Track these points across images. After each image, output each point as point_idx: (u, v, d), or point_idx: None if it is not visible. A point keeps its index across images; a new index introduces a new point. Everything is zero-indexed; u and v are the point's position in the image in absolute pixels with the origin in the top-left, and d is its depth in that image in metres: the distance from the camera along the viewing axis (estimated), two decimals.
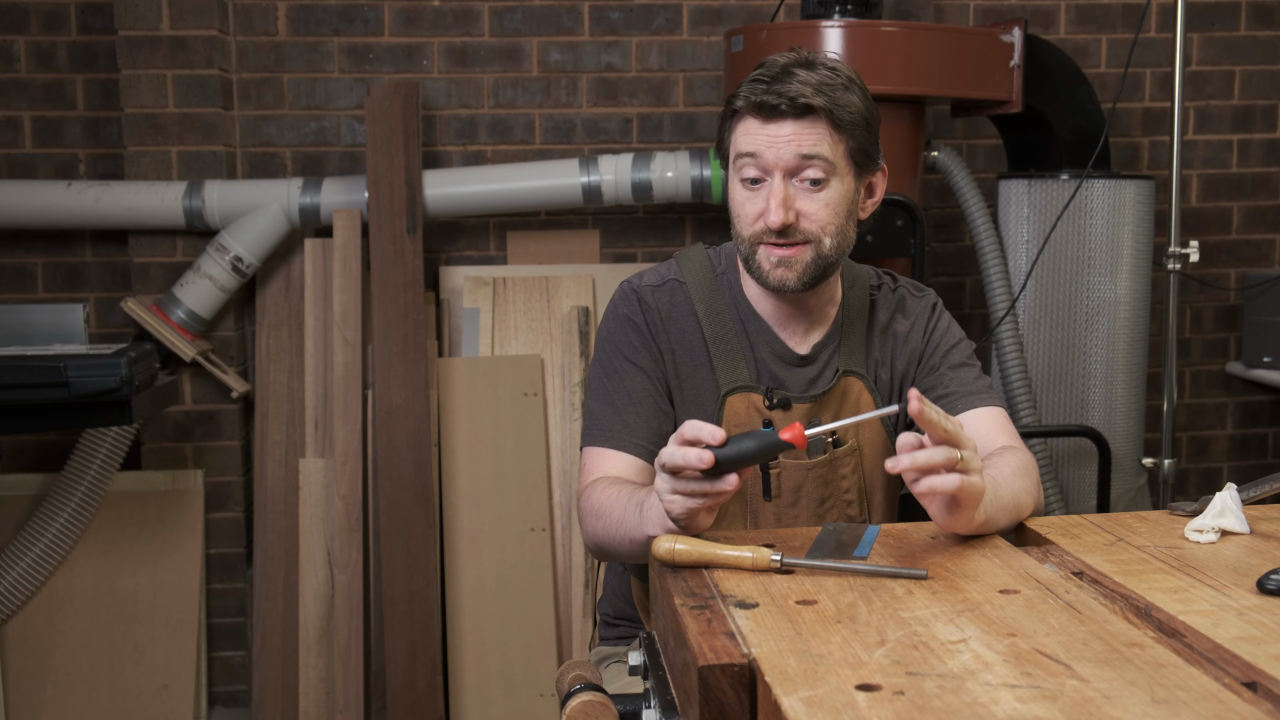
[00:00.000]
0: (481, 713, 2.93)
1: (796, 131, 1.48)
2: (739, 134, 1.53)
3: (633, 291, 1.64)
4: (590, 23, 3.22)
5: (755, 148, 1.50)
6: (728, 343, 1.61)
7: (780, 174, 1.49)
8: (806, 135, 1.48)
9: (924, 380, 1.64)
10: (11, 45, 3.12)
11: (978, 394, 1.61)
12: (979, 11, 3.34)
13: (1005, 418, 1.60)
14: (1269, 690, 0.89)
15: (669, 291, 1.64)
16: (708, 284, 1.64)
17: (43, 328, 2.74)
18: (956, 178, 2.95)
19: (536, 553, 2.98)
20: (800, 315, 1.62)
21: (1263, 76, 3.45)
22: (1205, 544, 1.29)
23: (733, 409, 1.59)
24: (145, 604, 2.95)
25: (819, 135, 1.49)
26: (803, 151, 1.48)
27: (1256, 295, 3.30)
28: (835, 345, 1.64)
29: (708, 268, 1.66)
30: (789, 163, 1.49)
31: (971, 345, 1.68)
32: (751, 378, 1.61)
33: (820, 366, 1.63)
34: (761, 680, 0.93)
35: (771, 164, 1.49)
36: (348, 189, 3.03)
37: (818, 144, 1.48)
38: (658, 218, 3.27)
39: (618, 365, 1.60)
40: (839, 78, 1.51)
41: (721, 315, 1.62)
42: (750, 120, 1.51)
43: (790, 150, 1.48)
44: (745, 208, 1.53)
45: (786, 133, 1.48)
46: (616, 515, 1.43)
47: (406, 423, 2.92)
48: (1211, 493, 1.38)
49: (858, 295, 1.67)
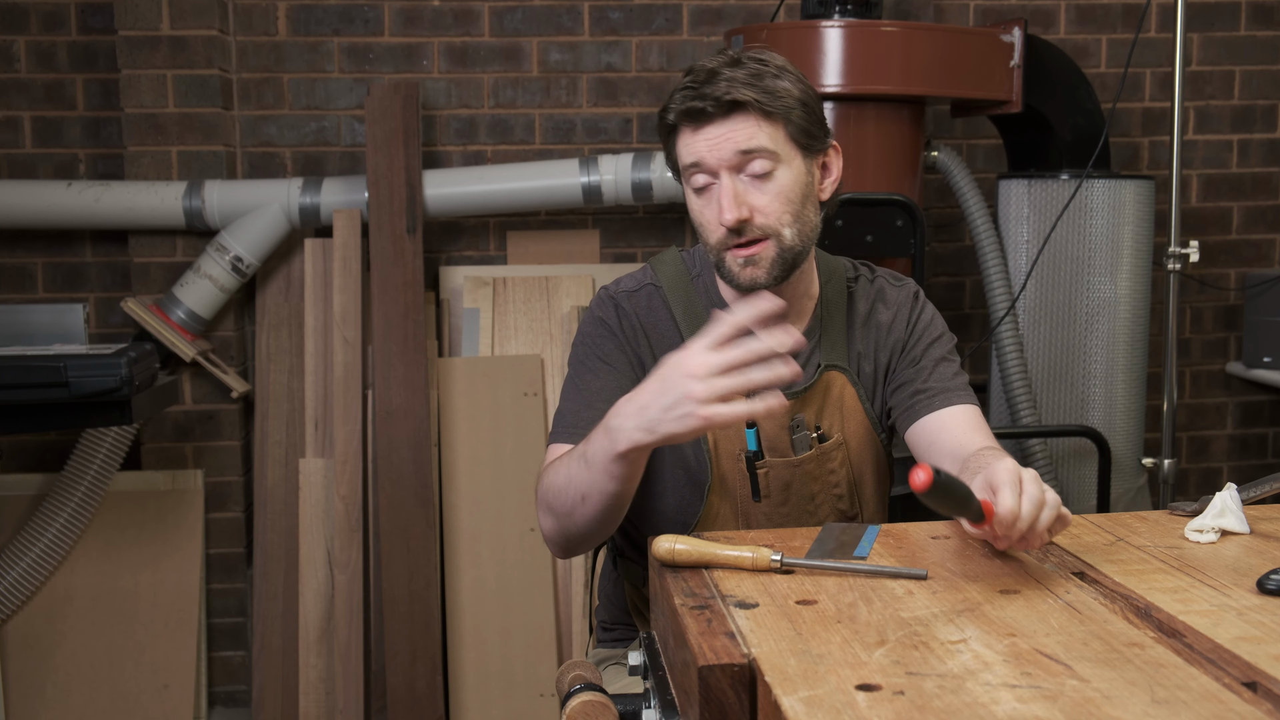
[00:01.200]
0: (481, 713, 2.93)
1: (729, 129, 1.47)
2: (680, 147, 1.52)
3: (609, 298, 1.63)
4: (590, 23, 3.22)
5: (696, 155, 1.49)
6: None
7: (726, 173, 1.48)
8: (739, 130, 1.47)
9: (903, 371, 1.62)
10: (11, 45, 3.12)
11: (955, 391, 1.59)
12: (979, 11, 3.34)
13: (980, 416, 1.59)
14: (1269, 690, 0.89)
15: (645, 296, 1.63)
16: (683, 287, 1.63)
17: (43, 328, 2.74)
18: (956, 178, 2.95)
19: (536, 553, 2.98)
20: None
21: (1263, 76, 3.45)
22: (1205, 544, 1.29)
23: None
24: (145, 604, 2.95)
25: (752, 128, 1.47)
26: (740, 147, 1.47)
27: (1256, 295, 3.30)
28: (815, 340, 1.62)
29: (683, 271, 1.65)
30: (730, 160, 1.48)
31: (953, 339, 1.67)
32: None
33: (801, 363, 1.61)
34: (761, 680, 0.93)
35: (714, 165, 1.48)
36: (348, 189, 3.03)
37: (753, 136, 1.47)
38: (658, 218, 3.27)
39: (589, 364, 1.59)
40: (767, 67, 1.50)
41: (699, 318, 1.60)
42: (685, 130, 1.50)
43: (728, 148, 1.47)
44: (705, 215, 1.53)
45: (720, 133, 1.47)
46: (562, 480, 1.42)
47: (406, 423, 2.92)
48: (1211, 493, 1.38)
49: (835, 288, 1.65)
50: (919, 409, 1.58)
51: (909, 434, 1.60)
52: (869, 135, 2.73)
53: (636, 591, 1.71)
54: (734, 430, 1.58)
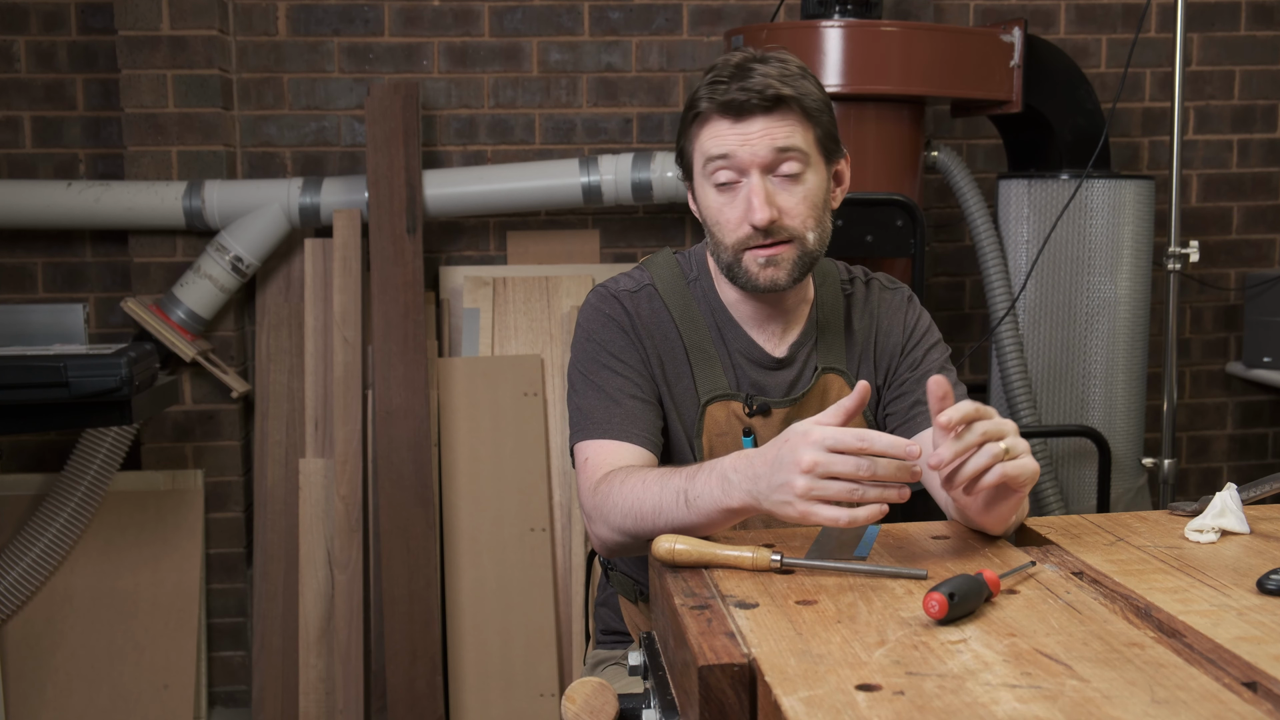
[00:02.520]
0: (481, 713, 2.93)
1: (768, 125, 1.44)
2: (706, 138, 1.48)
3: (611, 296, 1.59)
4: (590, 23, 3.22)
5: (727, 149, 1.45)
6: (705, 350, 1.57)
7: (757, 171, 1.45)
8: (779, 128, 1.44)
9: (903, 374, 1.62)
10: (11, 45, 3.12)
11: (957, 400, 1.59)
12: (979, 11, 3.34)
13: None
14: (1269, 690, 0.89)
15: (646, 297, 1.59)
16: (680, 290, 1.60)
17: (43, 328, 2.74)
18: (956, 178, 2.95)
19: (536, 553, 2.98)
20: (777, 316, 1.58)
21: (1263, 76, 3.45)
22: (1205, 544, 1.29)
23: (713, 418, 1.56)
24: (145, 604, 2.95)
25: (791, 126, 1.45)
26: (778, 145, 1.44)
27: (1256, 295, 3.30)
28: (811, 344, 1.61)
29: (679, 274, 1.62)
30: (765, 158, 1.45)
31: (948, 348, 1.67)
32: (730, 385, 1.57)
33: (799, 368, 1.60)
34: (761, 680, 0.93)
35: (747, 162, 1.45)
36: (348, 189, 3.03)
37: (791, 135, 1.45)
38: (658, 218, 3.27)
39: (606, 361, 1.54)
40: (793, 67, 1.47)
41: (697, 322, 1.59)
42: (718, 122, 1.46)
43: (765, 145, 1.44)
44: (725, 214, 1.49)
45: (759, 128, 1.44)
46: (651, 506, 1.32)
47: (406, 423, 2.92)
48: (1211, 493, 1.38)
49: (830, 292, 1.64)
50: (919, 421, 1.57)
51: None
52: (869, 135, 2.73)
53: (631, 606, 1.70)
54: (730, 437, 1.57)
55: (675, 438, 1.58)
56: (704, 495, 1.27)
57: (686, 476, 1.30)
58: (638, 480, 1.36)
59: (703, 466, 1.29)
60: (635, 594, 1.68)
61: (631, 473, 1.39)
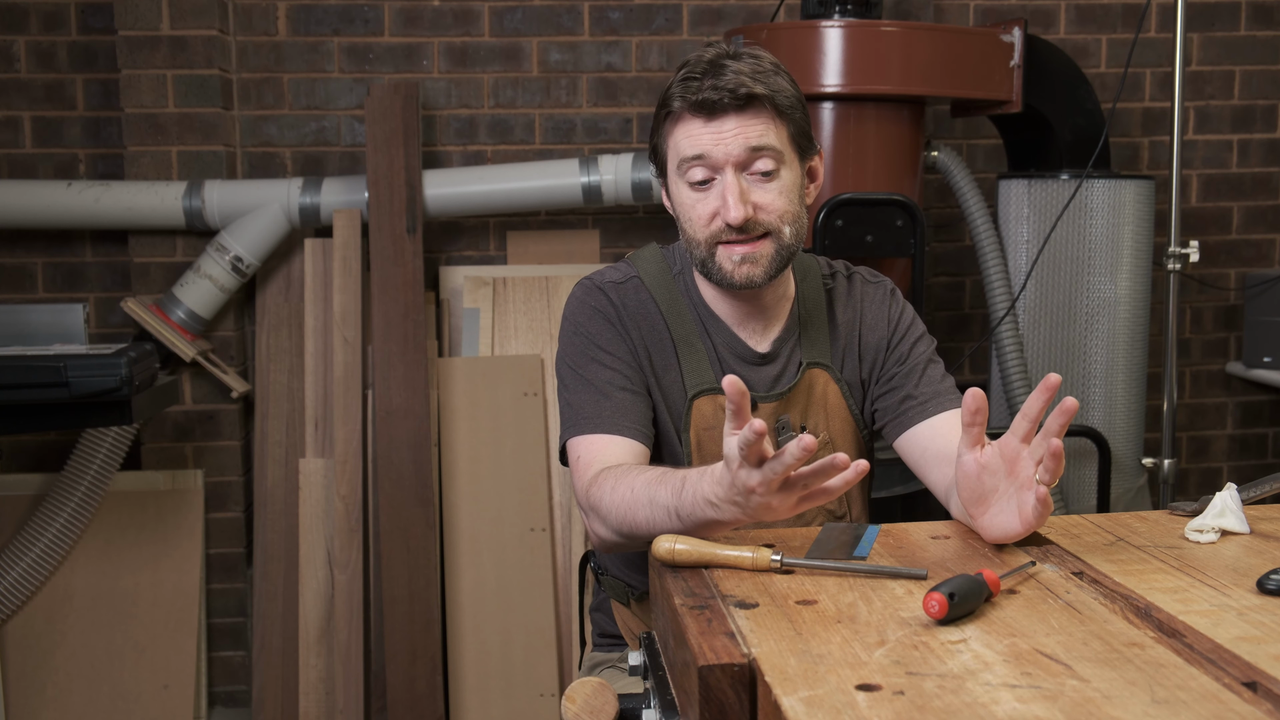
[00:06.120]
0: (481, 713, 2.93)
1: (741, 124, 1.44)
2: (679, 137, 1.47)
3: (597, 288, 1.58)
4: (590, 23, 3.22)
5: (701, 148, 1.45)
6: (691, 343, 1.57)
7: (731, 169, 1.45)
8: (752, 126, 1.44)
9: (891, 369, 1.61)
10: (11, 45, 3.12)
11: (946, 394, 1.58)
12: (979, 11, 3.34)
13: None
14: (1269, 690, 0.89)
15: (633, 289, 1.59)
16: (666, 283, 1.60)
17: (43, 328, 2.74)
18: (956, 178, 2.95)
19: (536, 553, 2.98)
20: (757, 313, 1.58)
21: (1263, 76, 3.45)
22: (1205, 544, 1.29)
23: (700, 411, 1.56)
24: (145, 604, 2.95)
25: (764, 124, 1.45)
26: (751, 144, 1.44)
27: (1256, 295, 3.30)
28: (795, 339, 1.61)
29: (665, 268, 1.62)
30: (739, 157, 1.44)
31: (933, 340, 1.66)
32: (716, 379, 1.57)
33: (783, 363, 1.60)
34: (761, 680, 0.93)
35: (721, 161, 1.45)
36: (348, 189, 3.03)
37: (764, 134, 1.44)
38: (658, 218, 3.27)
39: (594, 355, 1.54)
40: (766, 64, 1.47)
41: (683, 315, 1.58)
42: (690, 121, 1.46)
43: (738, 144, 1.44)
44: (696, 210, 1.48)
45: (731, 127, 1.44)
46: (644, 520, 1.31)
47: (406, 423, 2.92)
48: (1211, 493, 1.38)
49: (811, 286, 1.64)
50: (910, 416, 1.57)
51: (900, 442, 1.59)
52: (869, 135, 2.74)
53: (624, 610, 1.70)
54: (717, 433, 1.56)
55: (664, 429, 1.57)
56: (694, 513, 1.25)
57: (673, 492, 1.27)
58: (626, 489, 1.34)
59: (686, 482, 1.26)
60: (627, 597, 1.68)
61: (620, 479, 1.36)
